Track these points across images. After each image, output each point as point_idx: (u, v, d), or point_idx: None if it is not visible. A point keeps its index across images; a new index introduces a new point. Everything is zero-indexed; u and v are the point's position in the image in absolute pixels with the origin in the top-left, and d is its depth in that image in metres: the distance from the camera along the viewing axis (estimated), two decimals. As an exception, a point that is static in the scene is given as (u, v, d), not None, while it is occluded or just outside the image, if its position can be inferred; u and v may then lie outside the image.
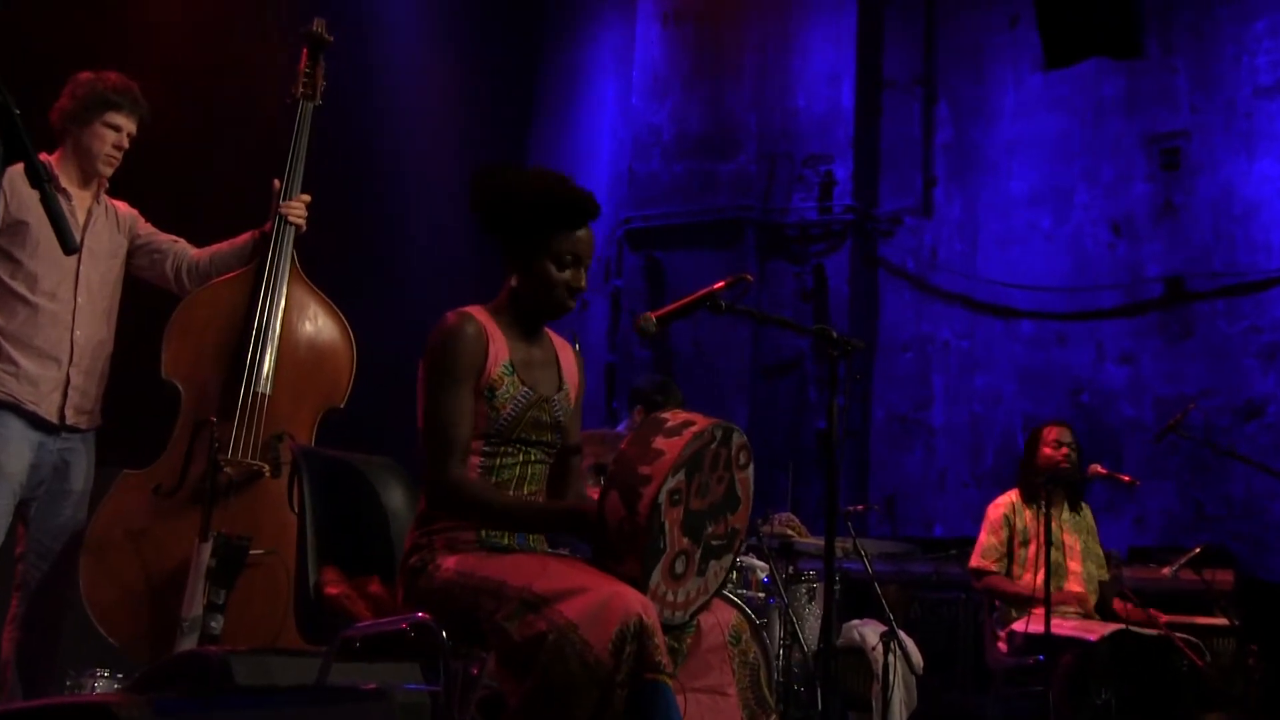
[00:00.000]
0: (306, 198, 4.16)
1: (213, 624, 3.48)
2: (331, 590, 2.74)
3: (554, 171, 2.79)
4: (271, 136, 4.32)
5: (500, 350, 2.70)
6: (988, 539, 5.10)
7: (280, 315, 4.02)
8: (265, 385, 3.95)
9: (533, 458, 2.75)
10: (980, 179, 8.07)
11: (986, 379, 7.87)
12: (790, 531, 5.32)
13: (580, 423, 2.96)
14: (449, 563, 2.58)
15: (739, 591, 4.77)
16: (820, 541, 5.09)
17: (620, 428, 5.55)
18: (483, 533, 2.66)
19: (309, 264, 4.16)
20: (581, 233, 2.73)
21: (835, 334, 3.09)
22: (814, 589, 5.08)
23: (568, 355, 2.91)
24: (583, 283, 2.75)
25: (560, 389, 2.82)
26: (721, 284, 3.04)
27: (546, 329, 2.88)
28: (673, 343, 8.06)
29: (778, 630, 4.81)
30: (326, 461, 3.02)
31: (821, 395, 7.87)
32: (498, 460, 2.70)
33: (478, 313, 2.72)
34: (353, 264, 6.23)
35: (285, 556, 3.65)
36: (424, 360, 2.68)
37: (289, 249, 4.08)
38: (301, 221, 4.12)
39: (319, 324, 4.12)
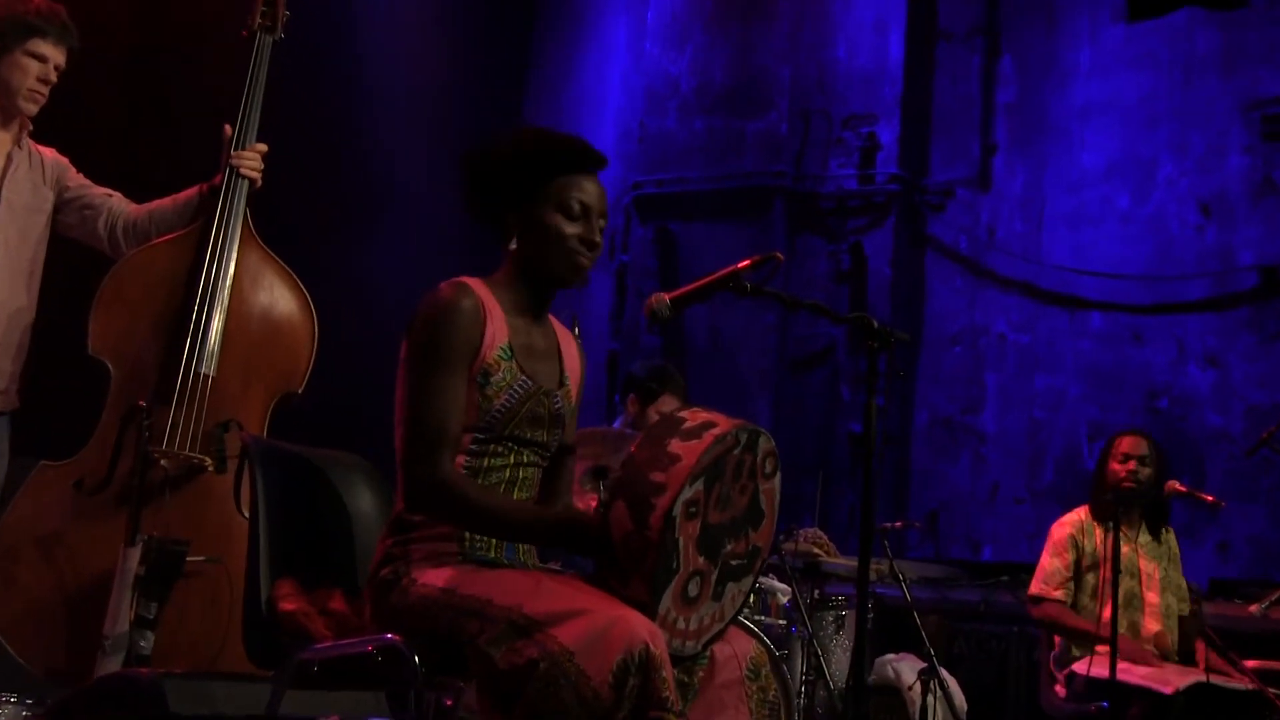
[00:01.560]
0: (263, 147, 4.15)
1: (141, 643, 3.48)
2: (286, 606, 2.72)
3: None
4: (223, 75, 4.30)
5: (499, 331, 2.69)
6: (1051, 562, 5.07)
7: (228, 283, 4.00)
8: (209, 364, 3.93)
9: (525, 459, 2.73)
10: (1047, 147, 8.05)
11: (1048, 380, 7.86)
12: (817, 550, 5.31)
13: (577, 422, 2.95)
14: (426, 576, 2.56)
15: (757, 618, 4.77)
16: (851, 562, 5.08)
17: (617, 424, 5.55)
18: (467, 543, 2.64)
19: (264, 224, 4.15)
20: (589, 183, 2.74)
21: (875, 323, 3.06)
22: (843, 617, 5.09)
23: (570, 346, 2.91)
24: (597, 237, 2.74)
25: (562, 384, 2.82)
26: (747, 262, 3.01)
27: (551, 317, 2.87)
28: (686, 329, 8.06)
29: (800, 664, 4.82)
30: (282, 456, 3.00)
31: (856, 394, 7.87)
32: (485, 460, 2.68)
33: (475, 285, 2.70)
34: (316, 226, 6.22)
35: (229, 565, 3.64)
36: (410, 337, 2.65)
37: (241, 206, 4.07)
38: (256, 175, 4.11)
39: (274, 294, 4.11)
